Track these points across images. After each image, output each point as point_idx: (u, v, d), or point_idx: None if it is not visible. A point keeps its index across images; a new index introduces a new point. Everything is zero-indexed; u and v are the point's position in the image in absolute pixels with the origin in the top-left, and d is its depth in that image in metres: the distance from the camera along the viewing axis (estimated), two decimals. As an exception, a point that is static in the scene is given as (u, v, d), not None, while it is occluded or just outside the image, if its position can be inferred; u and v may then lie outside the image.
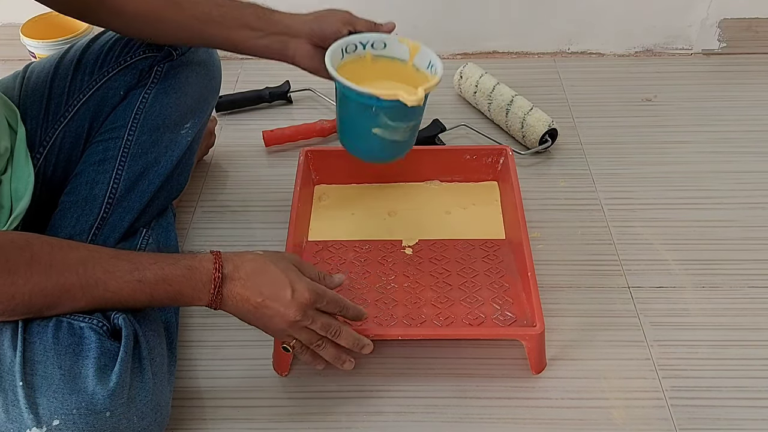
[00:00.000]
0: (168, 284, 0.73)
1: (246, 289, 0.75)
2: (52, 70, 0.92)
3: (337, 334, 0.80)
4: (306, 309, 0.76)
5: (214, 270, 0.75)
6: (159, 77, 0.94)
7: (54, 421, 0.66)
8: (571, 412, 0.84)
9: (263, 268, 0.77)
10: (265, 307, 0.75)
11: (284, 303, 0.75)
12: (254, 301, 0.75)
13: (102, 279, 0.71)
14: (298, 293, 0.76)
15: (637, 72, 1.41)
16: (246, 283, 0.75)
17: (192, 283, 0.74)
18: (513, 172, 1.04)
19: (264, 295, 0.75)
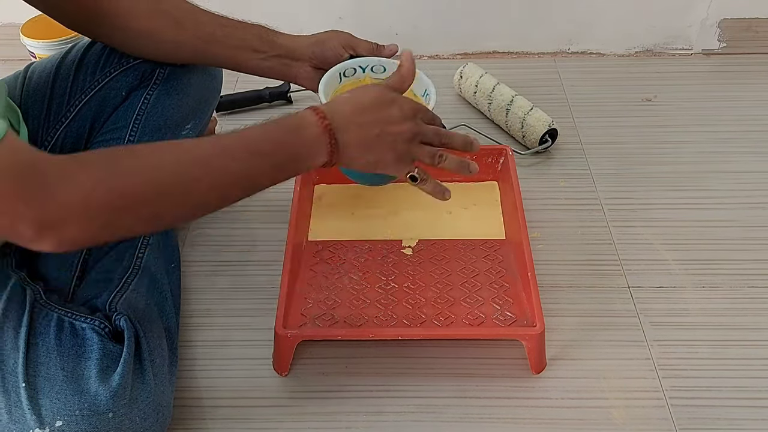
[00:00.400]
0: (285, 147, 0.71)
1: (359, 127, 0.73)
2: (53, 71, 0.92)
3: (449, 137, 0.79)
4: (416, 118, 0.76)
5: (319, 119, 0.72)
6: (162, 78, 0.94)
7: (57, 422, 0.66)
8: (571, 412, 0.85)
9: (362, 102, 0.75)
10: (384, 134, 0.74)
11: (397, 121, 0.74)
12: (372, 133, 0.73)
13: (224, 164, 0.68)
14: (405, 106, 0.75)
15: (637, 72, 1.41)
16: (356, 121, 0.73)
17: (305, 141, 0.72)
18: (513, 172, 1.04)
19: (378, 124, 0.74)
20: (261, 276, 1.01)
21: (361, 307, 0.93)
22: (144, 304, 0.81)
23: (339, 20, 1.42)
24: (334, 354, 0.91)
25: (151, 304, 0.84)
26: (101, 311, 0.78)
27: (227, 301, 0.98)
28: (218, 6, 1.39)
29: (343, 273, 0.98)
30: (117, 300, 0.78)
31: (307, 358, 0.91)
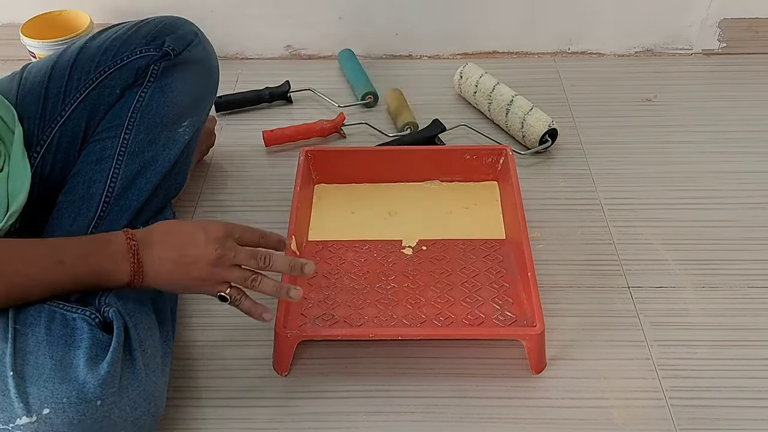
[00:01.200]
0: (88, 259, 0.74)
1: (163, 249, 0.75)
2: (49, 71, 0.92)
3: (268, 260, 0.79)
4: (223, 241, 0.76)
5: (128, 239, 0.75)
6: (156, 76, 0.94)
7: (44, 410, 0.66)
8: (571, 412, 0.84)
9: (173, 227, 0.78)
10: (184, 256, 0.75)
11: (201, 244, 0.76)
12: (173, 256, 0.75)
13: (20, 269, 0.71)
14: (211, 230, 0.77)
15: (637, 72, 1.40)
16: (161, 242, 0.76)
17: (111, 255, 0.74)
18: (513, 172, 1.04)
19: (180, 247, 0.76)
20: (261, 276, 1.01)
21: (361, 307, 0.93)
22: (135, 296, 0.81)
23: (339, 20, 1.42)
24: (334, 354, 0.91)
25: (144, 297, 0.83)
26: (93, 304, 0.78)
27: (227, 301, 0.98)
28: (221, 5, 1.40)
29: (343, 273, 0.98)
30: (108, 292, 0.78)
31: (307, 358, 0.91)
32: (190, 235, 0.77)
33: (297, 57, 1.47)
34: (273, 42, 1.46)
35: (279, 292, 0.80)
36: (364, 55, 1.46)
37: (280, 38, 1.45)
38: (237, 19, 1.42)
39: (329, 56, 1.46)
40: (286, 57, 1.47)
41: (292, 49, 1.47)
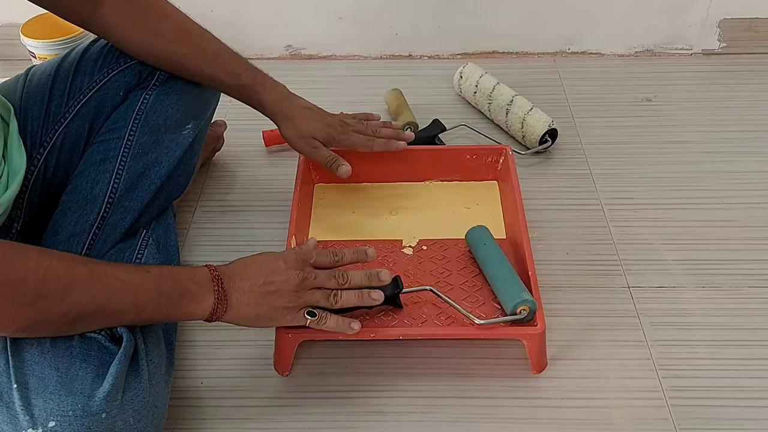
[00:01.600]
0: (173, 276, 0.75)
1: (245, 279, 0.77)
2: (53, 73, 0.93)
3: (346, 277, 0.82)
4: (303, 266, 0.79)
5: (210, 270, 0.77)
6: (161, 79, 0.94)
7: (50, 422, 0.66)
8: (571, 412, 0.85)
9: (251, 259, 0.80)
10: (268, 284, 0.77)
11: (281, 271, 0.78)
12: (256, 285, 0.77)
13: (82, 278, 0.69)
14: (289, 258, 0.79)
15: (637, 72, 1.41)
16: (243, 273, 0.77)
17: (194, 279, 0.75)
18: (513, 172, 1.04)
19: (263, 275, 0.77)
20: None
21: (361, 307, 0.93)
22: None
23: (339, 20, 1.42)
24: (334, 354, 0.91)
25: None
26: None
27: (227, 301, 0.98)
28: (221, 5, 1.40)
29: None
30: None
31: (307, 358, 0.91)
32: (270, 264, 0.79)
33: (297, 57, 1.47)
34: (273, 42, 1.46)
35: (362, 299, 0.82)
36: (364, 55, 1.46)
37: (280, 38, 1.46)
38: (237, 19, 1.42)
39: (329, 56, 1.47)
40: (286, 57, 1.47)
41: (292, 49, 1.47)
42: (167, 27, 0.93)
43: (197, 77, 0.96)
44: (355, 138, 1.02)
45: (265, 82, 0.98)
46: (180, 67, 0.94)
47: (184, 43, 0.93)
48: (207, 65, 0.95)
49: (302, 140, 1.00)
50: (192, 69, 0.94)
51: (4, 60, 1.43)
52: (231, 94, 0.99)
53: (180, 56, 0.93)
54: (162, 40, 0.92)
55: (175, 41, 0.93)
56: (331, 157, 1.00)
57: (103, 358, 0.72)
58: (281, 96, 1.00)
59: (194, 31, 0.95)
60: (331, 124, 1.01)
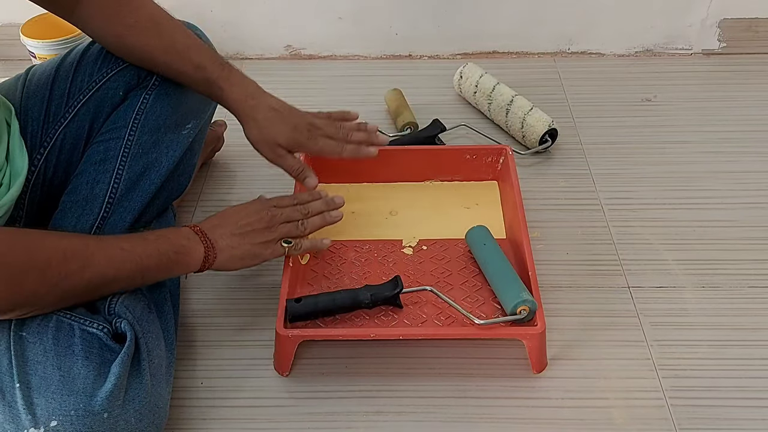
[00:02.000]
0: (168, 237, 0.82)
1: (223, 227, 0.86)
2: (53, 73, 0.93)
3: (307, 208, 0.93)
4: (268, 207, 0.90)
5: (192, 227, 0.85)
6: (161, 79, 0.94)
7: (52, 421, 0.66)
8: (572, 412, 0.85)
9: (224, 212, 0.89)
10: (243, 226, 0.87)
11: (252, 213, 0.89)
12: (233, 229, 0.86)
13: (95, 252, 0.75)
14: (255, 203, 0.91)
15: (637, 72, 1.41)
16: (219, 224, 0.87)
17: (184, 235, 0.83)
18: (513, 172, 1.04)
19: (237, 221, 0.87)
20: (261, 276, 1.01)
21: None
22: (143, 304, 0.81)
23: (339, 20, 1.42)
24: (334, 354, 0.91)
25: (150, 304, 0.84)
26: (101, 313, 0.78)
27: (227, 301, 0.99)
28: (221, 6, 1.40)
29: (343, 273, 0.98)
30: (116, 300, 0.78)
31: (307, 358, 0.91)
32: (240, 210, 0.89)
33: (297, 57, 1.47)
34: (273, 42, 1.46)
35: (325, 219, 0.95)
36: (364, 55, 1.46)
37: (280, 38, 1.46)
38: (237, 19, 1.42)
39: (329, 56, 1.47)
40: (286, 57, 1.47)
41: (292, 49, 1.47)
42: (141, 17, 0.91)
43: (167, 72, 0.93)
44: (323, 143, 0.97)
45: (232, 78, 0.93)
46: (151, 61, 0.92)
47: (156, 35, 0.91)
48: (176, 58, 0.91)
49: (266, 146, 0.95)
50: (161, 62, 0.92)
51: (4, 60, 1.43)
52: (198, 89, 0.94)
53: (151, 48, 0.91)
54: (135, 32, 0.90)
55: (148, 33, 0.91)
56: (296, 166, 0.97)
57: (104, 356, 0.72)
58: (247, 94, 0.94)
59: (166, 23, 0.92)
60: (298, 127, 0.95)
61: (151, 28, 0.91)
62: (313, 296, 0.89)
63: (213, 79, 0.92)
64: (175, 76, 0.93)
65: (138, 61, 0.93)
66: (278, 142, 0.94)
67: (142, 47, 0.91)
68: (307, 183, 0.98)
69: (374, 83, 1.35)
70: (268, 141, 0.94)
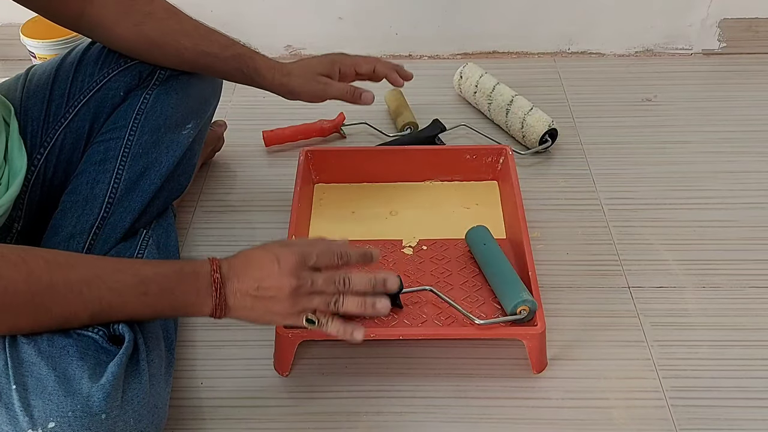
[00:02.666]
0: (172, 294, 0.73)
1: (241, 282, 0.74)
2: (53, 73, 0.93)
3: (347, 282, 0.76)
4: (298, 272, 0.73)
5: (213, 272, 0.74)
6: (162, 79, 0.94)
7: (49, 423, 0.66)
8: (572, 412, 0.85)
9: (249, 257, 0.76)
10: (262, 289, 0.73)
11: (275, 275, 0.73)
12: (251, 289, 0.73)
13: (106, 298, 0.70)
14: (284, 260, 0.73)
15: (637, 72, 1.41)
16: (240, 275, 0.74)
17: (195, 290, 0.73)
18: (513, 172, 1.04)
19: (257, 279, 0.73)
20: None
21: (361, 307, 0.93)
22: None
23: (339, 20, 1.42)
24: (334, 354, 0.91)
25: None
26: None
27: (227, 301, 0.98)
28: (221, 6, 1.40)
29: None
30: None
31: (307, 358, 0.91)
32: (265, 267, 0.74)
33: (297, 57, 1.47)
34: (273, 42, 1.46)
35: (365, 308, 0.76)
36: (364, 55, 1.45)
37: (280, 38, 1.46)
38: (237, 19, 1.42)
39: (329, 56, 1.47)
40: (286, 57, 1.47)
41: (292, 49, 1.47)
42: (157, 7, 0.92)
43: (193, 54, 0.93)
44: (358, 58, 1.02)
45: (257, 53, 0.98)
46: (175, 45, 0.92)
47: (176, 21, 0.92)
48: (201, 40, 0.93)
49: (311, 82, 0.97)
50: (187, 44, 0.92)
51: (4, 60, 1.43)
52: (226, 67, 0.96)
53: (174, 32, 0.92)
54: (154, 18, 0.91)
55: (168, 18, 0.92)
56: (348, 88, 0.99)
57: (99, 357, 0.72)
58: (274, 62, 0.98)
59: (183, 12, 0.94)
60: (328, 56, 1.00)
61: (170, 16, 0.92)
62: None
63: (243, 53, 0.95)
64: (202, 58, 0.94)
65: (160, 49, 0.92)
66: (319, 72, 0.98)
67: (164, 31, 0.91)
68: (364, 98, 0.99)
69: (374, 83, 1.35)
70: (309, 77, 0.97)
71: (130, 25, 0.90)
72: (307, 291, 0.74)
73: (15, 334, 0.69)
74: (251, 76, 0.97)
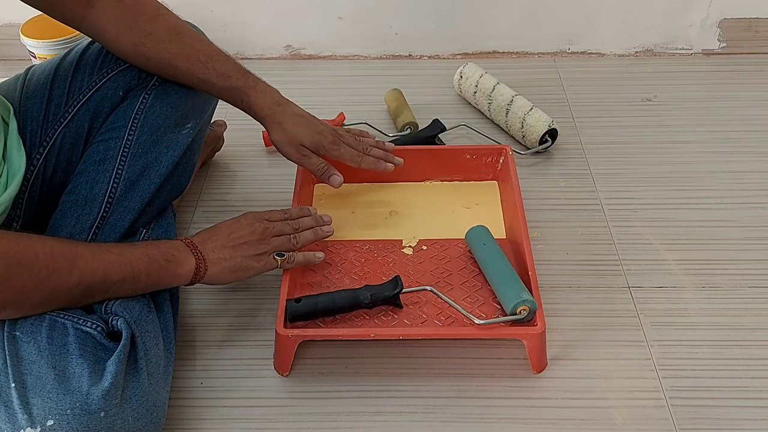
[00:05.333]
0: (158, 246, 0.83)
1: (215, 240, 0.87)
2: (52, 72, 0.93)
3: (298, 223, 0.94)
4: (260, 221, 0.90)
5: (184, 240, 0.86)
6: (161, 79, 0.94)
7: (48, 421, 0.66)
8: (572, 412, 0.85)
9: (216, 225, 0.90)
10: (235, 239, 0.87)
11: (245, 226, 0.89)
12: (225, 242, 0.87)
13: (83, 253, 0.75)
14: (244, 217, 0.91)
15: (637, 72, 1.41)
16: (211, 237, 0.87)
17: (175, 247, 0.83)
18: (513, 172, 1.04)
19: (229, 234, 0.88)
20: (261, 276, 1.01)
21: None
22: (142, 304, 0.81)
23: (339, 20, 1.42)
24: (334, 354, 0.91)
25: (150, 304, 0.84)
26: (97, 313, 0.78)
27: (227, 301, 0.98)
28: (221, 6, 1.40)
29: (343, 273, 0.98)
30: (114, 300, 0.78)
31: (307, 358, 0.91)
32: (233, 224, 0.89)
33: (297, 57, 1.47)
34: (273, 42, 1.46)
35: (317, 233, 0.95)
36: (364, 55, 1.46)
37: (280, 38, 1.46)
38: (237, 19, 1.42)
39: (329, 56, 1.47)
40: (286, 57, 1.47)
41: (292, 49, 1.47)
42: (159, 26, 0.92)
43: (188, 79, 0.94)
44: (344, 150, 0.99)
45: (257, 86, 0.96)
46: (172, 69, 0.93)
47: (176, 43, 0.92)
48: (199, 66, 0.93)
49: (291, 147, 0.97)
50: (183, 70, 0.93)
51: (4, 60, 1.43)
52: (222, 96, 0.97)
53: (172, 56, 0.92)
54: (154, 39, 0.91)
55: (167, 41, 0.92)
56: (321, 165, 0.99)
57: (98, 354, 0.72)
58: (273, 101, 0.97)
59: (186, 32, 0.94)
60: (322, 132, 0.98)
61: (171, 37, 0.92)
62: (313, 296, 0.89)
63: (239, 87, 0.95)
64: (197, 83, 0.94)
65: (157, 69, 0.93)
66: (303, 143, 0.97)
67: (162, 55, 0.91)
68: (332, 181, 0.99)
69: (374, 83, 1.35)
70: (294, 142, 0.97)
71: (129, 42, 0.90)
72: (271, 233, 0.90)
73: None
74: (245, 110, 0.98)
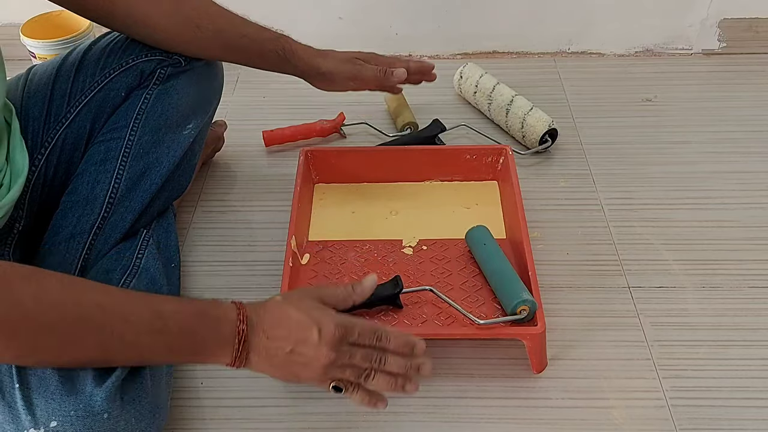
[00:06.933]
0: (192, 336, 0.68)
1: (271, 341, 0.69)
2: (54, 73, 0.92)
3: (383, 360, 0.72)
4: (338, 346, 0.69)
5: (239, 321, 0.69)
6: (162, 79, 0.94)
7: (51, 422, 0.66)
8: (572, 412, 0.85)
9: (283, 315, 0.70)
10: (297, 354, 0.69)
11: (313, 346, 0.69)
12: (283, 352, 0.69)
13: (118, 329, 0.64)
14: (326, 331, 0.69)
15: (637, 72, 1.41)
16: (270, 334, 0.69)
17: (216, 335, 0.68)
18: (513, 172, 1.04)
19: (292, 342, 0.69)
20: (261, 276, 1.01)
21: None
22: None
23: (339, 20, 1.42)
24: (334, 354, 0.91)
25: None
26: None
27: (227, 301, 0.98)
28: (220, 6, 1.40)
29: (343, 273, 0.98)
30: None
31: (308, 358, 0.90)
32: (304, 331, 0.69)
33: (297, 57, 1.47)
34: (273, 42, 1.46)
35: (395, 388, 0.72)
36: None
37: (280, 38, 1.45)
38: (237, 19, 1.42)
39: (329, 56, 1.46)
40: (286, 57, 1.47)
41: (292, 49, 1.47)
42: None
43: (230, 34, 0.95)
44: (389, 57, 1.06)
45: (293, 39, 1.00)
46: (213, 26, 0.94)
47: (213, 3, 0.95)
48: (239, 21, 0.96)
49: (347, 63, 1.01)
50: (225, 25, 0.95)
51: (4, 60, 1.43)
52: (262, 49, 0.97)
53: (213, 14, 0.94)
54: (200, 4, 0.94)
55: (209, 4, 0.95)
56: (380, 69, 1.03)
57: None
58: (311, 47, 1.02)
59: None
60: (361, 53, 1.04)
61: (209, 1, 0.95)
62: None
63: (279, 36, 0.98)
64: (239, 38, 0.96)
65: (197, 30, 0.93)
66: (354, 56, 1.02)
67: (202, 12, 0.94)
68: (397, 74, 1.03)
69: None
70: (348, 57, 1.02)
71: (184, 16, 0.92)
72: (341, 365, 0.71)
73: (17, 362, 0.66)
74: (287, 58, 0.98)
